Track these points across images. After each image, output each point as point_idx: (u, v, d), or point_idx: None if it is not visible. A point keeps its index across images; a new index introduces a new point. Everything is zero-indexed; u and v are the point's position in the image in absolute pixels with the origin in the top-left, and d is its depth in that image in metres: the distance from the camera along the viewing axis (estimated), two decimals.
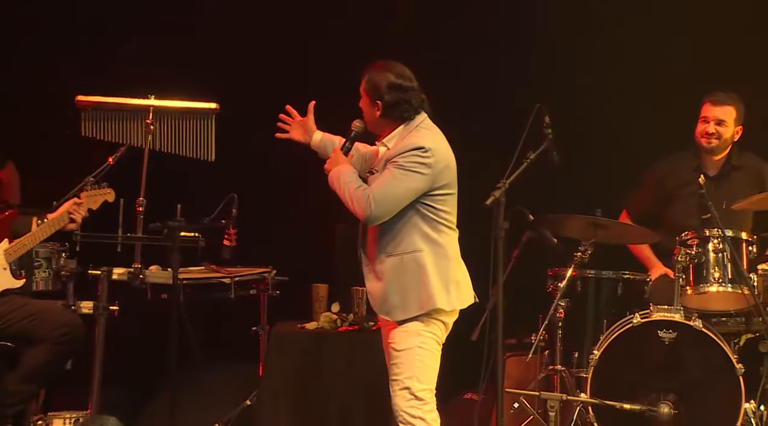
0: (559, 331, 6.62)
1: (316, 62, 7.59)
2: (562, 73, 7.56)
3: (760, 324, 6.48)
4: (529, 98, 6.44)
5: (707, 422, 6.33)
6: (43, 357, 5.96)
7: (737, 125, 6.75)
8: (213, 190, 6.48)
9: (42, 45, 7.46)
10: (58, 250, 6.41)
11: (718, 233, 6.50)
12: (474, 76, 7.68)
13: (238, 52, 7.53)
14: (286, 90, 7.21)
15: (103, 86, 6.66)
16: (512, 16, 7.67)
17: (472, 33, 7.74)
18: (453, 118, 7.12)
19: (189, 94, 6.62)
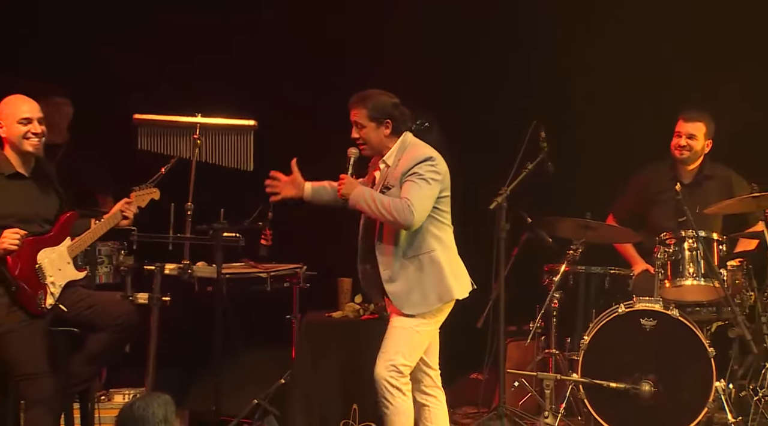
0: (553, 319, 6.79)
1: (343, 79, 7.58)
2: (556, 91, 7.62)
3: (728, 313, 6.61)
4: (526, 114, 6.75)
5: (683, 399, 6.44)
6: (104, 342, 5.89)
7: (707, 139, 6.93)
8: (251, 197, 6.51)
9: (107, 68, 7.56)
10: (117, 248, 6.47)
11: (692, 234, 6.63)
12: (474, 97, 7.77)
13: (274, 72, 7.59)
14: (317, 106, 7.48)
15: (155, 105, 6.73)
16: (511, 30, 7.73)
17: (471, 48, 7.79)
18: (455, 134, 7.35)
19: (231, 111, 6.69)
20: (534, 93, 7.63)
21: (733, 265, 6.74)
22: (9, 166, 5.79)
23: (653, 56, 7.52)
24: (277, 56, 7.69)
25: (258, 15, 7.74)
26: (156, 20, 7.51)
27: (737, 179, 6.98)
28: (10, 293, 5.69)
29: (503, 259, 6.53)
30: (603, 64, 7.56)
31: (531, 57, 7.70)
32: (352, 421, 6.44)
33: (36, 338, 5.73)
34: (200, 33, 7.58)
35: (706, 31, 7.50)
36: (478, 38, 7.77)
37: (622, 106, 7.57)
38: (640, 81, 7.50)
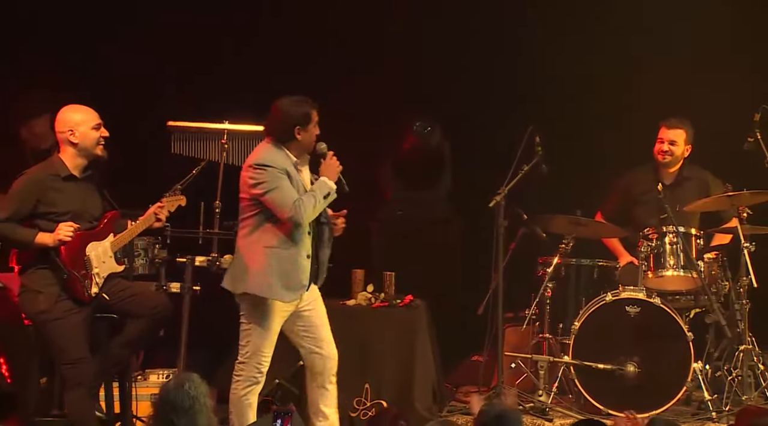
0: (547, 306, 6.84)
1: (351, 81, 7.67)
2: (550, 98, 7.62)
3: (705, 301, 6.68)
4: (522, 119, 6.83)
5: (664, 379, 6.52)
6: (140, 328, 5.96)
7: (687, 145, 6.99)
8: None
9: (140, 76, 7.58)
10: (153, 242, 6.52)
11: (673, 229, 6.69)
12: (473, 101, 7.78)
13: (297, 75, 7.57)
14: (332, 111, 7.60)
15: (187, 112, 6.82)
16: (504, 35, 7.72)
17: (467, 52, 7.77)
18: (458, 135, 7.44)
19: (256, 118, 6.59)
20: (528, 99, 7.65)
21: (710, 258, 6.82)
22: (65, 169, 5.96)
23: (640, 63, 7.55)
24: (299, 60, 7.70)
25: (283, 21, 7.76)
26: (179, 25, 7.53)
27: (713, 180, 7.06)
28: (60, 282, 5.86)
29: (501, 253, 6.59)
30: (593, 71, 7.59)
31: (523, 62, 7.72)
32: (365, 399, 6.52)
33: (80, 327, 5.86)
34: (223, 38, 7.60)
35: (688, 34, 7.53)
36: (473, 42, 7.78)
37: (610, 112, 7.60)
38: (628, 88, 7.51)
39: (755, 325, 6.69)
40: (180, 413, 4.10)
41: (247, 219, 5.72)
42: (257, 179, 5.63)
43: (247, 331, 5.71)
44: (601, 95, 7.60)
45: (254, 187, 5.64)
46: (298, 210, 5.58)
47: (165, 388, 4.29)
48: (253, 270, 5.67)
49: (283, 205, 5.59)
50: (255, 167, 5.64)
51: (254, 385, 5.73)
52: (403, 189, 8.02)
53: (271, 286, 5.66)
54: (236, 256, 5.80)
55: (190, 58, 7.64)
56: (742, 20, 7.50)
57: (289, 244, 5.67)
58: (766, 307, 6.65)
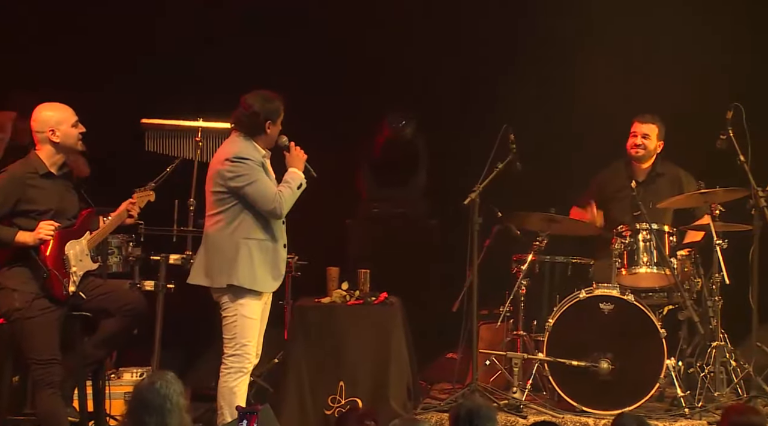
0: (521, 303, 6.83)
1: (333, 81, 7.68)
2: (525, 96, 7.64)
3: (678, 298, 6.71)
4: (496, 117, 6.84)
5: (638, 375, 6.51)
6: (114, 327, 5.99)
7: (659, 140, 7.03)
8: None
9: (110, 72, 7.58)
10: (126, 240, 6.49)
11: (646, 227, 6.70)
12: (448, 99, 7.83)
13: (269, 74, 7.46)
14: (307, 108, 7.47)
15: (161, 110, 6.81)
16: (483, 39, 7.75)
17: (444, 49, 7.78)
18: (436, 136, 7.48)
19: (230, 115, 6.58)
20: (503, 97, 7.68)
21: (683, 255, 6.84)
22: (43, 166, 5.95)
23: (614, 62, 7.57)
24: (273, 58, 7.69)
25: (258, 17, 7.74)
26: (153, 22, 7.55)
27: (686, 177, 7.09)
28: (38, 281, 5.84)
29: (476, 250, 6.59)
30: (567, 70, 7.62)
31: (498, 61, 7.75)
32: (339, 396, 6.50)
33: (53, 326, 5.85)
34: (197, 36, 7.59)
35: (661, 33, 7.58)
36: (450, 40, 7.80)
37: (585, 110, 7.63)
38: (602, 87, 7.52)
39: (727, 322, 6.72)
40: (151, 411, 4.09)
41: (221, 212, 5.78)
42: (236, 172, 5.71)
43: (232, 324, 5.77)
44: (575, 94, 7.62)
45: (232, 180, 5.71)
46: (280, 202, 5.72)
47: (137, 386, 4.28)
48: (237, 262, 5.73)
49: (265, 198, 5.71)
50: (233, 160, 5.72)
51: (245, 375, 5.80)
52: (378, 186, 8.03)
53: (257, 276, 5.75)
54: (207, 249, 5.81)
55: (163, 55, 7.61)
56: (716, 19, 7.51)
57: (269, 235, 5.78)
58: (738, 303, 6.66)
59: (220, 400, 5.76)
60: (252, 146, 5.79)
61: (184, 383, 4.31)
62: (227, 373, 5.77)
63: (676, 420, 6.38)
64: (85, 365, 6.08)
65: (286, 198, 5.75)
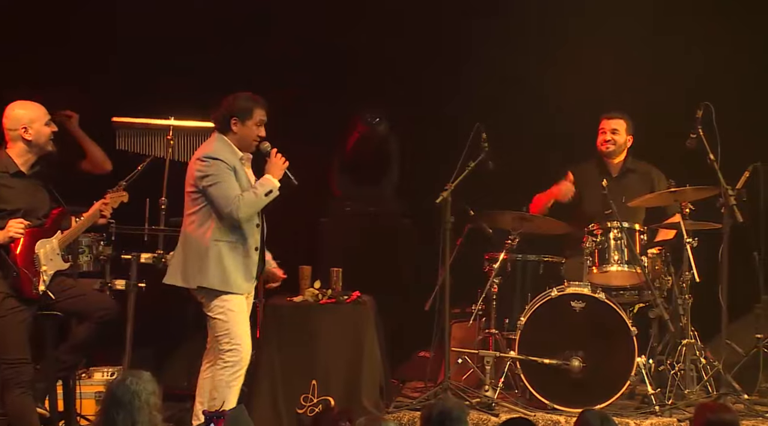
0: (493, 302, 6.84)
1: (304, 81, 7.67)
2: (497, 95, 7.69)
3: (649, 296, 6.73)
4: (471, 116, 6.81)
5: (609, 373, 6.54)
6: (86, 334, 5.98)
7: (628, 135, 7.08)
8: None
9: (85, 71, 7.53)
10: (97, 239, 6.44)
11: (617, 225, 6.73)
12: (420, 98, 7.82)
13: (242, 75, 7.53)
14: (279, 107, 7.56)
15: (132, 108, 6.81)
16: (444, 35, 7.76)
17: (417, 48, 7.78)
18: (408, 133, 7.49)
19: (202, 114, 6.65)
20: (475, 96, 7.71)
21: (653, 253, 6.88)
22: (13, 165, 5.93)
23: (585, 61, 7.60)
24: (245, 56, 7.70)
25: (229, 19, 7.74)
26: (125, 20, 7.54)
27: (657, 174, 7.14)
28: (8, 280, 5.81)
29: (448, 249, 6.60)
30: (538, 69, 7.64)
31: (471, 59, 7.76)
32: (311, 395, 6.50)
33: (22, 326, 5.83)
34: (169, 34, 7.56)
35: (634, 33, 7.59)
36: (424, 39, 7.80)
37: (556, 109, 7.66)
38: (573, 86, 7.55)
39: (697, 320, 6.77)
40: (120, 408, 4.09)
41: (195, 213, 5.77)
42: (203, 171, 5.72)
43: (220, 322, 5.78)
44: (546, 93, 7.64)
45: (200, 180, 5.73)
46: (237, 206, 5.67)
47: (109, 383, 4.32)
48: (207, 263, 5.73)
49: (224, 200, 5.68)
50: (203, 159, 5.73)
51: (242, 369, 5.81)
52: (351, 185, 8.02)
53: (228, 278, 5.75)
54: (184, 249, 5.82)
55: (134, 53, 7.59)
56: (686, 18, 7.56)
57: (239, 237, 5.76)
58: (708, 301, 6.70)
59: (213, 392, 5.72)
60: (228, 148, 5.78)
61: (157, 383, 4.28)
62: (224, 367, 5.76)
63: (647, 417, 6.41)
64: (58, 370, 6.06)
65: (246, 202, 5.69)
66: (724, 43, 7.57)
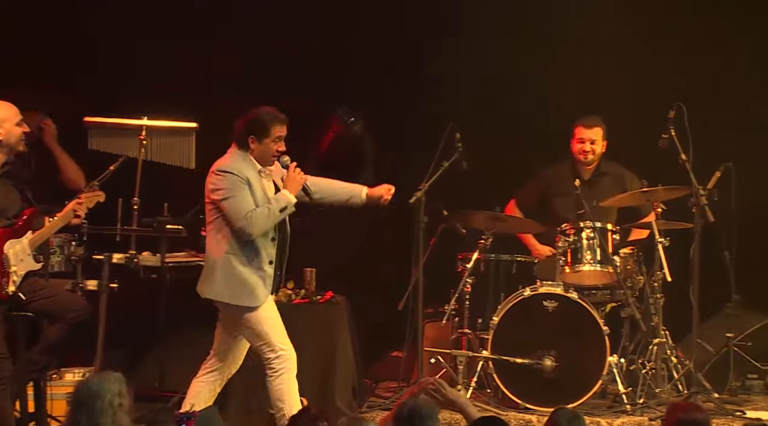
0: (466, 302, 6.86)
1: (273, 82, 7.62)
2: (471, 95, 7.70)
3: (621, 295, 6.78)
4: (443, 115, 6.86)
5: (581, 372, 6.58)
6: (57, 335, 5.96)
7: (604, 140, 7.13)
8: (193, 192, 6.43)
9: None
10: (69, 239, 6.42)
11: (590, 225, 6.77)
12: (392, 99, 7.81)
13: (215, 75, 7.60)
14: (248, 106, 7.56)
15: (105, 108, 6.80)
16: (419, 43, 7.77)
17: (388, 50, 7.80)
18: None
19: (175, 114, 6.77)
20: (449, 96, 7.72)
21: (626, 253, 6.91)
22: None
23: (557, 61, 7.63)
24: (220, 60, 7.70)
25: (203, 18, 7.73)
26: (98, 20, 7.51)
27: (629, 175, 7.17)
28: None
29: (422, 248, 6.61)
30: (512, 69, 7.65)
31: (445, 59, 7.77)
32: None
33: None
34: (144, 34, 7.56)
35: (605, 33, 7.62)
36: (395, 39, 7.80)
37: (529, 109, 7.68)
38: (546, 85, 7.60)
39: (669, 319, 6.80)
40: (83, 410, 4.06)
41: (211, 223, 5.82)
42: (216, 185, 5.74)
43: (258, 331, 5.74)
44: (519, 93, 7.67)
45: (213, 193, 5.75)
46: (249, 222, 5.66)
47: (84, 385, 4.25)
48: (217, 277, 5.74)
49: (237, 215, 5.68)
50: (217, 173, 5.75)
51: (293, 371, 5.76)
52: None
53: (237, 293, 5.73)
54: (206, 260, 5.86)
55: (108, 53, 7.57)
56: (657, 19, 7.60)
57: (251, 252, 5.74)
58: (679, 300, 6.74)
59: (277, 404, 5.70)
60: (246, 161, 5.77)
61: (127, 383, 4.25)
62: (277, 376, 5.73)
63: (618, 416, 6.44)
64: (30, 372, 6.05)
65: (258, 218, 5.67)
66: (697, 43, 7.61)
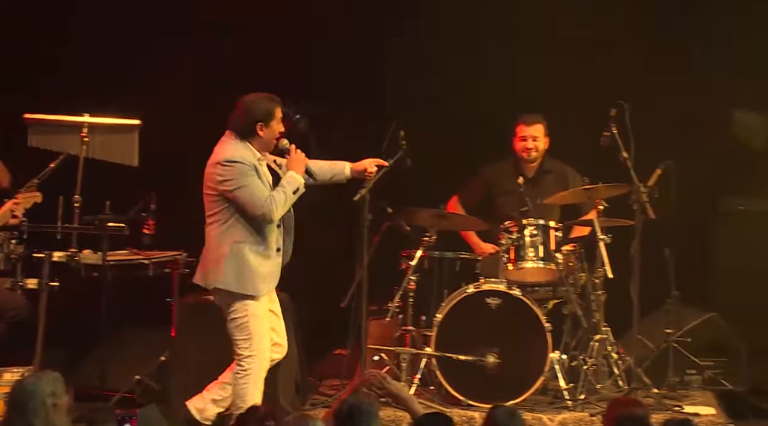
0: (410, 299, 6.87)
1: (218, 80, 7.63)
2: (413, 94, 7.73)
3: (563, 292, 6.83)
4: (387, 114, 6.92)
5: (523, 369, 6.60)
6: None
7: (546, 137, 7.17)
8: (136, 189, 6.66)
9: None
10: (8, 237, 6.39)
11: (533, 222, 6.79)
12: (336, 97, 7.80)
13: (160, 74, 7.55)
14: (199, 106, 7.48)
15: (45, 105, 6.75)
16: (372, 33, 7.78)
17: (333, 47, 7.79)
18: None
19: (118, 111, 6.75)
20: (394, 95, 7.74)
21: (568, 250, 6.95)
22: None
23: (498, 59, 7.66)
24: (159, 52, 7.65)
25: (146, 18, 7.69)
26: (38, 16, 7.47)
27: (572, 173, 7.22)
28: None
29: (366, 246, 6.58)
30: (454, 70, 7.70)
31: (389, 58, 7.78)
32: None
33: None
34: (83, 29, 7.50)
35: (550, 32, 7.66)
36: (339, 38, 7.80)
37: (472, 105, 7.70)
38: (486, 85, 7.64)
39: (610, 315, 6.86)
40: (17, 410, 4.05)
41: (215, 214, 5.81)
42: (225, 176, 5.74)
43: (242, 324, 5.78)
44: (463, 91, 7.68)
45: (222, 184, 5.75)
46: (270, 207, 5.74)
47: (18, 385, 4.25)
48: (226, 266, 5.75)
49: (255, 202, 5.73)
50: (223, 164, 5.74)
51: (265, 372, 5.82)
52: None
53: (243, 280, 5.76)
54: (206, 249, 5.86)
55: (49, 49, 7.50)
56: (600, 17, 7.65)
57: (259, 239, 5.81)
58: (620, 297, 6.79)
59: (238, 402, 5.73)
60: (246, 149, 5.80)
61: (68, 383, 4.25)
62: (245, 375, 5.78)
63: (559, 412, 6.49)
64: None
65: (278, 202, 5.76)
66: (637, 42, 7.65)
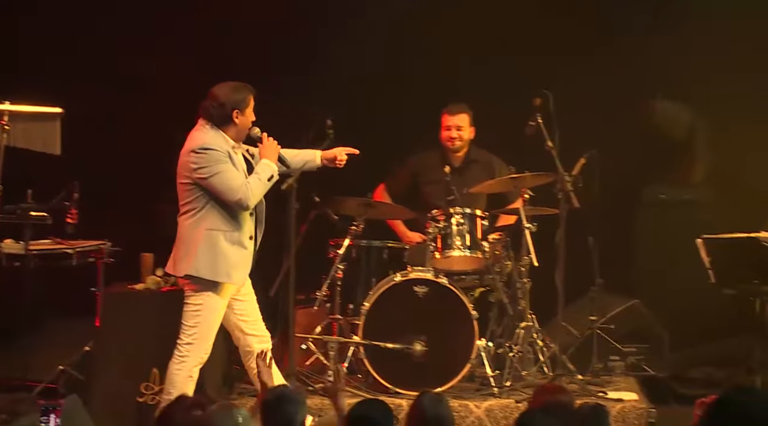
0: (338, 288, 6.87)
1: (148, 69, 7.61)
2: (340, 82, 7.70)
3: (489, 280, 6.90)
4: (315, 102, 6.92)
5: (450, 356, 6.64)
6: None
7: (471, 127, 7.21)
8: (58, 178, 6.58)
9: None
10: None
11: (459, 211, 6.84)
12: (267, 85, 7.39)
13: (83, 61, 7.51)
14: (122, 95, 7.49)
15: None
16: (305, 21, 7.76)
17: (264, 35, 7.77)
18: None
19: (39, 98, 6.65)
20: (321, 84, 7.72)
21: (494, 238, 7.01)
22: None
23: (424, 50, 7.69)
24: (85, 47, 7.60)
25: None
26: None
27: (498, 162, 7.28)
28: None
29: (293, 235, 6.56)
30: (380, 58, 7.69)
31: (319, 49, 7.77)
32: (152, 383, 6.44)
33: None
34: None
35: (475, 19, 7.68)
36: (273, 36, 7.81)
37: (398, 96, 7.70)
38: (413, 74, 7.67)
39: (535, 303, 6.92)
40: None
41: (188, 203, 5.79)
42: (199, 163, 5.73)
43: (196, 312, 5.77)
44: (389, 82, 7.69)
45: (196, 171, 5.73)
46: (247, 193, 5.75)
47: None
48: (199, 253, 5.75)
49: (230, 189, 5.73)
50: (197, 151, 5.73)
51: (201, 364, 5.80)
52: None
53: (219, 268, 5.76)
54: (178, 238, 5.85)
55: None
56: (525, 6, 7.69)
57: (233, 227, 5.82)
58: (545, 285, 6.86)
59: (169, 387, 5.73)
60: (220, 136, 5.79)
61: None
62: (182, 361, 5.78)
63: (486, 399, 6.56)
64: None
65: (254, 189, 5.77)
66: (561, 30, 7.69)
